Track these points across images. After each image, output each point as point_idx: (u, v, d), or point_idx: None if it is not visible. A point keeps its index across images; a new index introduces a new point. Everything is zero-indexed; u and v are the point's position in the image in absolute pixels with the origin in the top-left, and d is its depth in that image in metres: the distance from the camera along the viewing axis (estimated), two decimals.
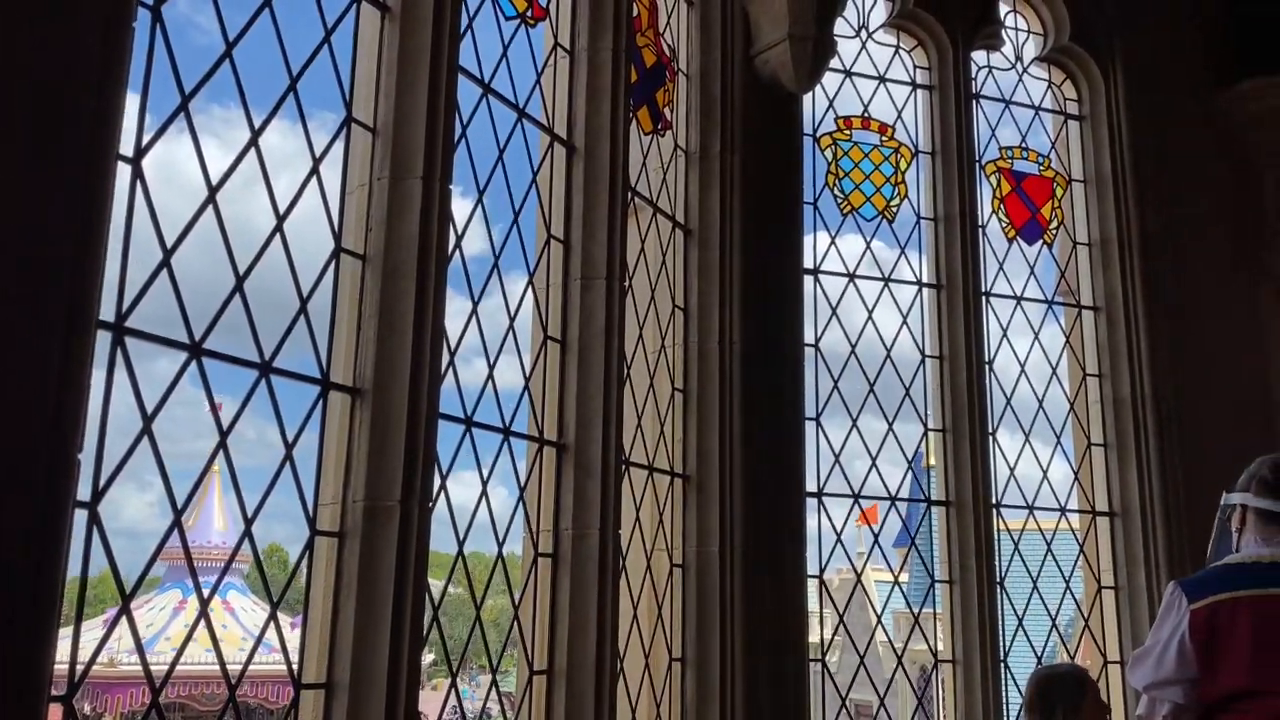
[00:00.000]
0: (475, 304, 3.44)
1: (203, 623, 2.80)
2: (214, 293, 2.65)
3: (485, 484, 3.42)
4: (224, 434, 2.68)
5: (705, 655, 4.47)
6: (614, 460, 3.83)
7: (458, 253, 3.40)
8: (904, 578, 8.98)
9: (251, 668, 10.12)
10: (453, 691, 3.46)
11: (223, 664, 2.82)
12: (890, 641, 5.31)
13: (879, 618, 5.31)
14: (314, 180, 2.99)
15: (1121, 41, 6.27)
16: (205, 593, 3.26)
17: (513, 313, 3.70)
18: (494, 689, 3.49)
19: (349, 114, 3.14)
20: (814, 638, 5.75)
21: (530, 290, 3.88)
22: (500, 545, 3.51)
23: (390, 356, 2.97)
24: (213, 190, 2.65)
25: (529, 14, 3.94)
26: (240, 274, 2.68)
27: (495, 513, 3.56)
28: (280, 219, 2.84)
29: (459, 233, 3.39)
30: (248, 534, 2.75)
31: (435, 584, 3.81)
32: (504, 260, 3.71)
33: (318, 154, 2.98)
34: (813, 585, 5.01)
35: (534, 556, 3.72)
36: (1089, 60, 6.26)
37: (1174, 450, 5.71)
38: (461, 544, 3.33)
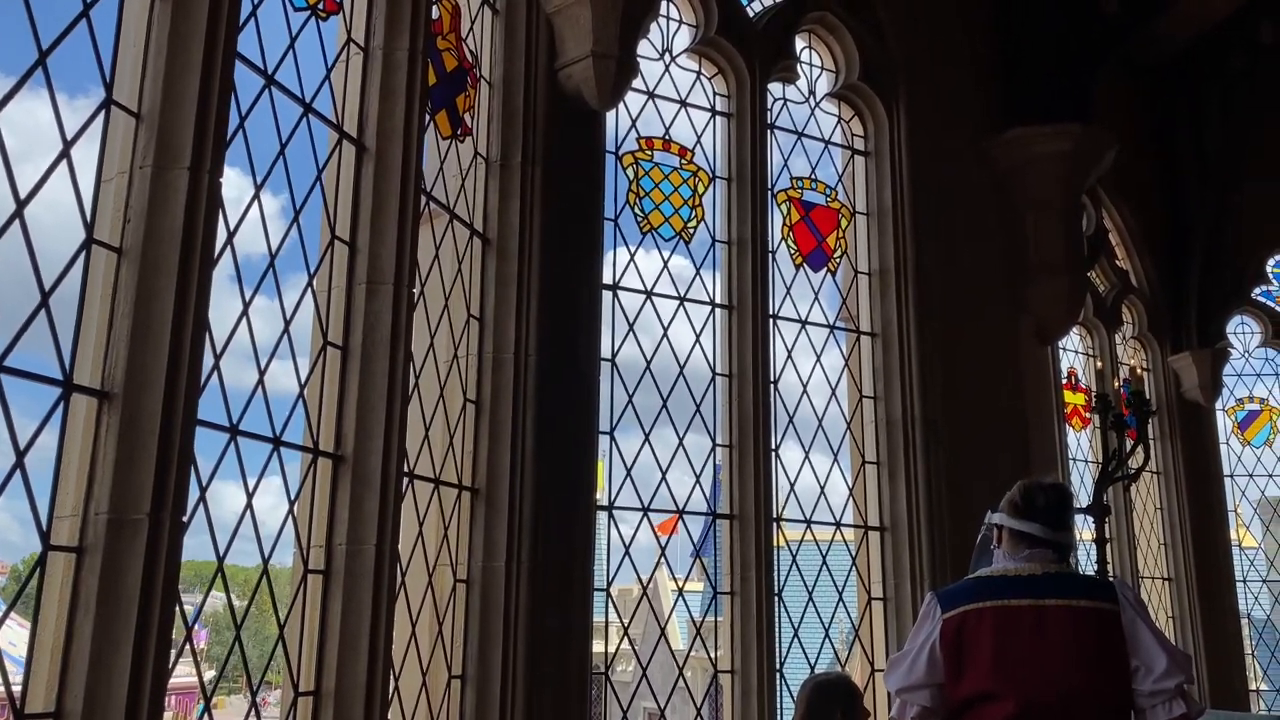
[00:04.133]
0: (246, 305, 3.25)
1: None
2: None
3: (250, 496, 3.23)
4: None
5: (486, 672, 4.40)
6: (395, 472, 3.70)
7: (229, 250, 3.21)
8: (701, 588, 9.22)
9: None
10: (253, 711, 3.26)
11: None
12: (672, 652, 5.39)
13: (662, 628, 5.38)
14: (64, 164, 2.74)
15: (905, 83, 6.69)
16: None
17: (289, 316, 3.52)
18: (253, 712, 3.29)
19: (109, 96, 2.90)
20: (610, 649, 5.78)
21: (310, 293, 3.71)
22: (265, 560, 3.32)
23: (144, 358, 2.76)
24: None
25: (320, 7, 3.78)
26: None
27: (265, 527, 3.37)
28: (20, 204, 2.59)
29: (231, 229, 3.20)
30: None
31: (218, 596, 3.58)
32: (282, 260, 3.54)
33: (69, 136, 2.74)
34: (612, 596, 5.04)
35: (303, 573, 3.54)
36: (875, 99, 6.65)
37: (939, 469, 6.12)
38: (221, 559, 3.13)
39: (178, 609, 2.92)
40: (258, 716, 3.28)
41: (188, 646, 3.38)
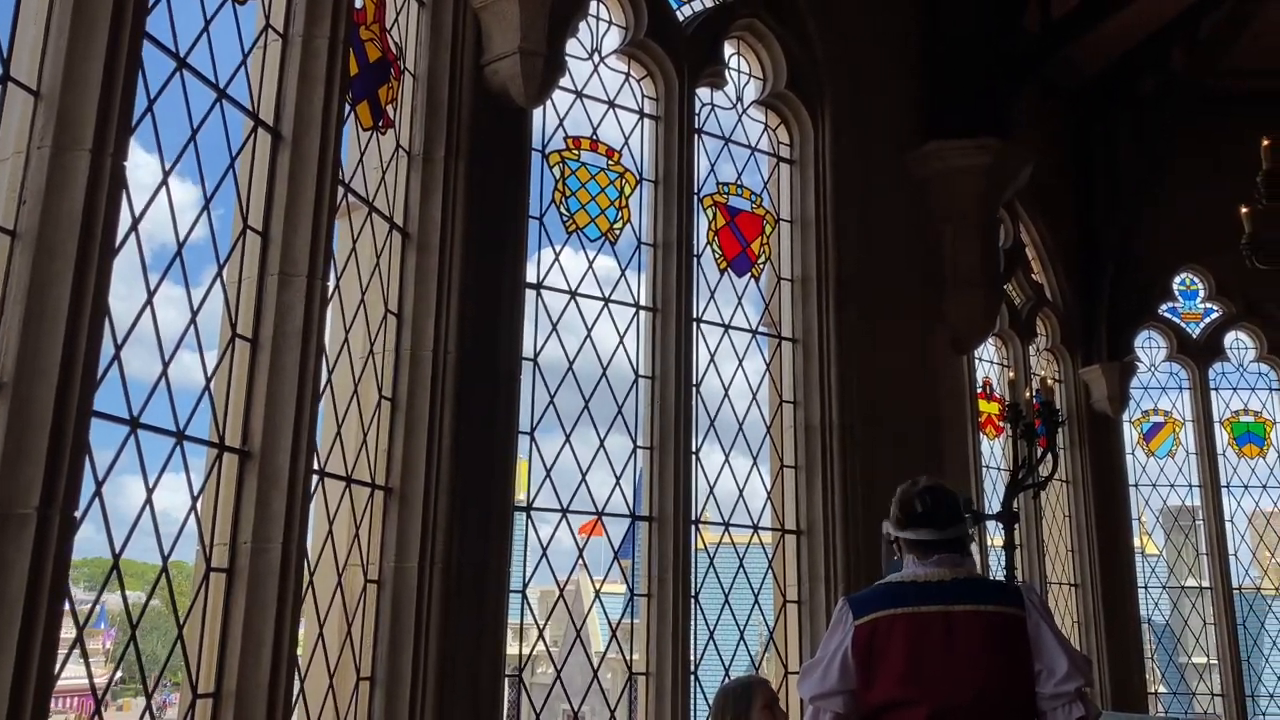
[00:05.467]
0: (151, 294, 3.14)
1: None
2: None
3: (150, 492, 3.12)
4: None
5: (396, 674, 4.32)
6: (304, 470, 3.62)
7: (134, 236, 3.10)
8: (622, 590, 9.19)
9: None
10: (147, 712, 3.14)
11: None
12: (587, 654, 5.38)
13: (578, 630, 5.36)
14: None
15: (831, 93, 6.78)
16: None
17: (197, 306, 3.41)
18: (147, 714, 3.18)
19: (6, 71, 2.78)
20: (528, 651, 5.74)
21: (220, 283, 3.61)
22: (165, 558, 3.21)
23: (36, 346, 2.64)
24: None
25: None
26: None
27: (168, 524, 3.26)
28: None
29: (136, 215, 3.09)
30: None
31: (134, 595, 3.46)
32: (191, 249, 3.43)
33: None
34: (533, 598, 5.00)
35: (206, 571, 3.44)
36: (801, 108, 6.73)
37: (854, 474, 6.21)
38: (117, 556, 3.02)
39: (78, 607, 2.82)
40: (153, 717, 3.17)
41: (94, 646, 3.25)
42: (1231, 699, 9.51)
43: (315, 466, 3.87)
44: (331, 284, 4.01)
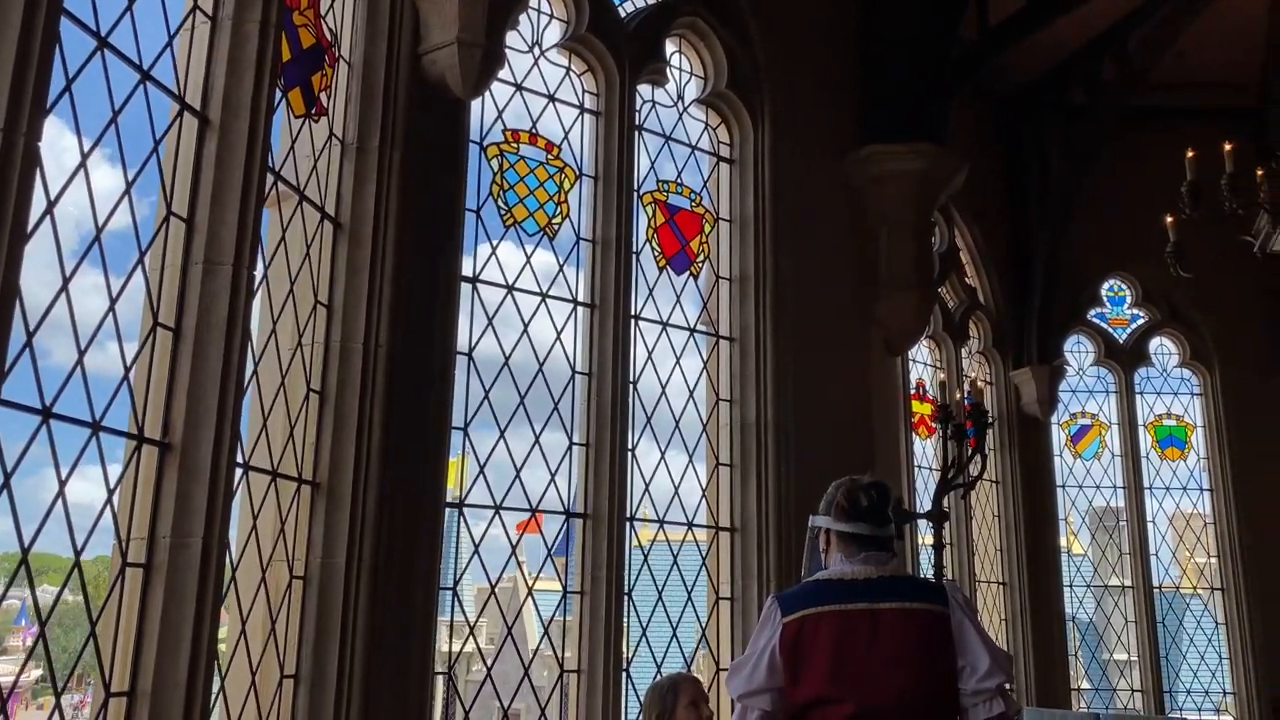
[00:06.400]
0: (66, 280, 3.04)
1: None
2: None
3: (63, 484, 3.02)
4: None
5: (321, 671, 4.24)
6: (227, 463, 3.53)
7: (49, 220, 2.99)
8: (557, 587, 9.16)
9: None
10: (56, 712, 3.03)
11: None
12: (519, 652, 5.34)
13: (509, 628, 5.32)
14: None
15: (771, 95, 6.82)
16: None
17: (116, 294, 3.31)
18: (56, 713, 3.07)
19: None
20: (459, 649, 5.67)
21: (141, 270, 3.51)
22: (77, 553, 3.11)
23: None
24: None
25: None
26: None
27: (82, 517, 3.16)
28: None
29: (51, 198, 2.99)
30: None
31: (51, 590, 3.33)
32: (114, 235, 3.33)
33: None
34: (470, 595, 4.94)
35: (122, 566, 3.34)
36: (742, 108, 6.76)
37: (789, 471, 6.25)
38: (26, 550, 2.91)
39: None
40: (61, 717, 3.06)
41: (14, 644, 3.13)
42: (1150, 694, 9.79)
43: (239, 460, 3.78)
44: (259, 273, 3.92)
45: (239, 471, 3.79)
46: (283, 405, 4.28)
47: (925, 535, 7.36)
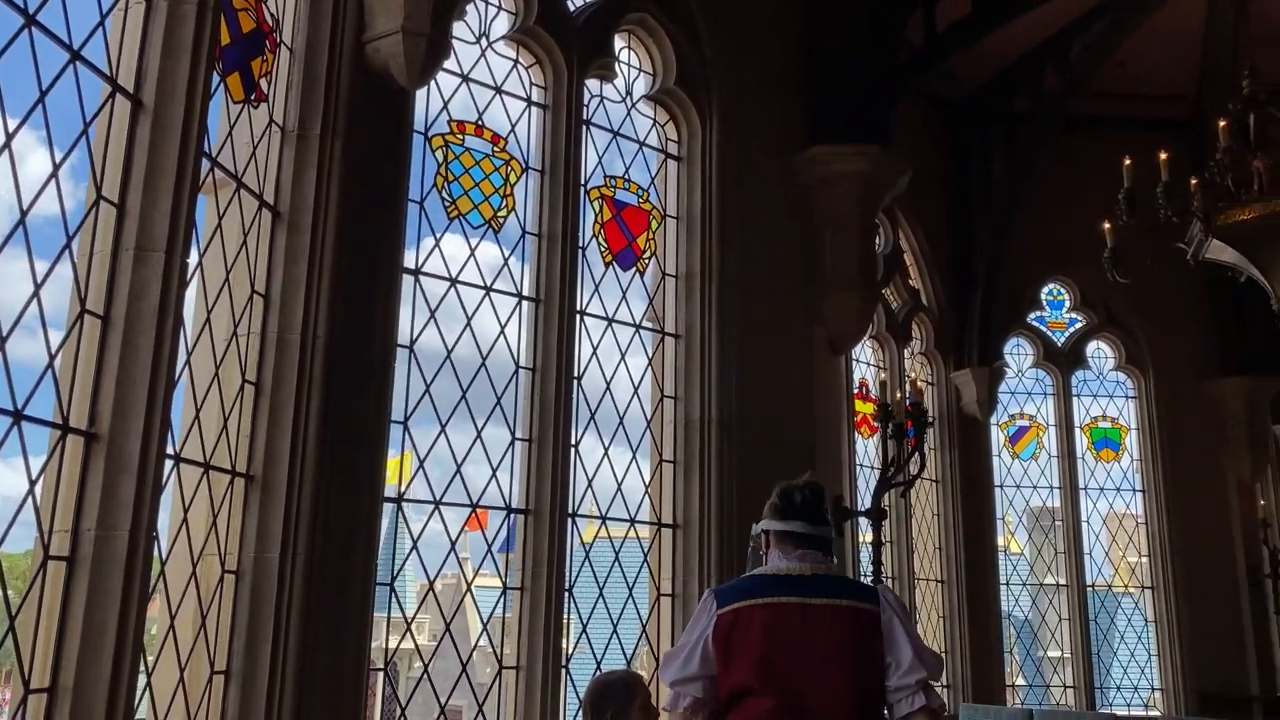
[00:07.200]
0: None
1: None
2: None
3: None
4: None
5: (253, 667, 4.17)
6: (156, 454, 3.45)
7: None
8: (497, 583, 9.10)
9: None
10: None
11: None
12: (456, 649, 5.30)
13: (448, 624, 5.27)
14: None
15: (719, 93, 6.84)
16: None
17: (40, 279, 3.22)
18: None
19: None
20: (395, 645, 5.61)
21: (69, 256, 3.41)
22: None
23: None
24: None
25: None
26: None
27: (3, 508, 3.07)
28: None
29: None
30: None
31: None
32: (36, 219, 3.23)
33: None
34: (413, 591, 4.89)
35: (44, 559, 3.25)
36: (690, 105, 6.77)
37: (731, 469, 6.29)
38: None
39: None
40: None
41: None
42: (1082, 690, 10.01)
43: (170, 451, 3.70)
44: (193, 261, 3.84)
45: (169, 463, 3.71)
46: (217, 396, 4.19)
47: (865, 533, 7.44)
